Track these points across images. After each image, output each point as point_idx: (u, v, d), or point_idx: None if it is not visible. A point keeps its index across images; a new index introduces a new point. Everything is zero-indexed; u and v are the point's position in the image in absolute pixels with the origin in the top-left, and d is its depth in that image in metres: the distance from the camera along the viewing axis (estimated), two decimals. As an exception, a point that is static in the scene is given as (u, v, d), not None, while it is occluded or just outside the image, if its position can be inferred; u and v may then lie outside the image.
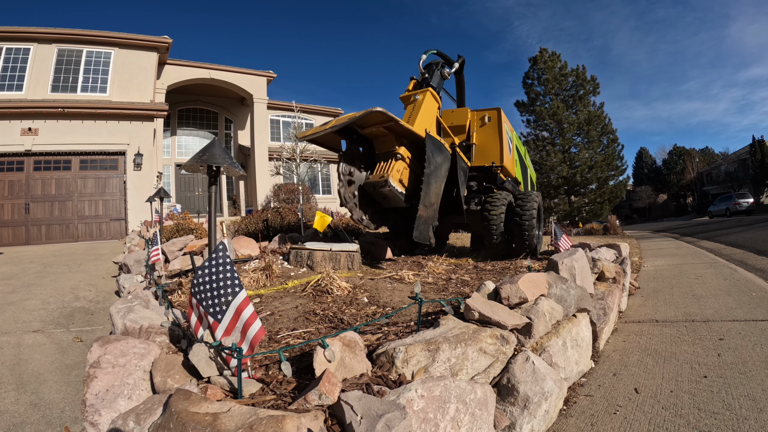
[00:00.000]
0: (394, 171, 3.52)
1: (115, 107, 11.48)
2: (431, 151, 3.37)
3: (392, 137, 3.70)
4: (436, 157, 3.45)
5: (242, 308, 1.30)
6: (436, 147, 3.49)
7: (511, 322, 1.56)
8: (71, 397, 2.11)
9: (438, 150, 3.53)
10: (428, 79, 4.37)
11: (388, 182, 3.41)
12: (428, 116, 3.92)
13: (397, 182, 3.50)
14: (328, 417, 1.00)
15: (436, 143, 3.52)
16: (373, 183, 3.57)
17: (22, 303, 3.87)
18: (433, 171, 3.36)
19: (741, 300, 2.92)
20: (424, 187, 3.25)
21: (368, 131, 3.77)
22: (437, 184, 3.46)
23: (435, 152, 3.44)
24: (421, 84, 4.46)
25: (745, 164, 34.54)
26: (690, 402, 1.55)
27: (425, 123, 3.80)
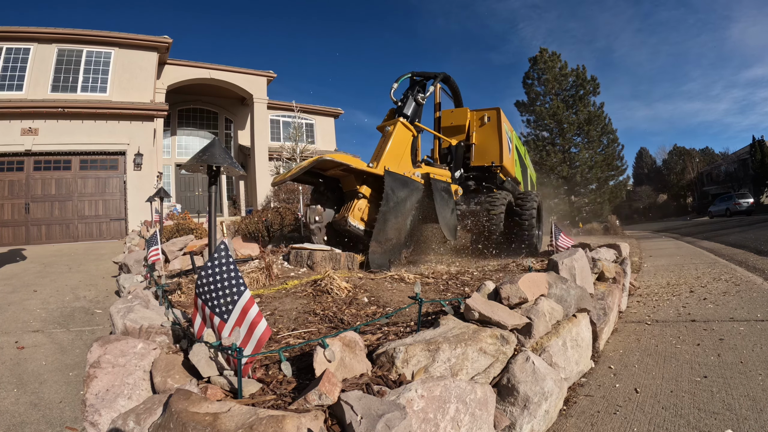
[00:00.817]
0: (355, 210, 3.67)
1: (115, 107, 11.49)
2: (390, 188, 3.44)
3: (353, 177, 3.85)
4: (397, 193, 3.52)
5: (248, 308, 1.30)
6: (398, 183, 3.56)
7: (511, 322, 1.56)
8: (71, 397, 2.11)
9: (401, 185, 3.59)
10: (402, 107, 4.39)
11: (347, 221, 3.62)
12: (398, 148, 3.96)
13: (358, 220, 3.66)
14: (328, 417, 1.00)
15: (398, 179, 3.58)
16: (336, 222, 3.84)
17: (22, 303, 3.87)
18: (392, 207, 3.43)
19: (741, 300, 2.92)
20: (378, 224, 3.32)
21: (330, 173, 3.98)
22: (397, 219, 3.51)
23: (396, 188, 3.52)
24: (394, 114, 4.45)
25: (745, 164, 34.54)
26: (690, 402, 1.55)
27: (394, 156, 3.85)
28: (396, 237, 3.52)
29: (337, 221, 3.81)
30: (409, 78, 4.78)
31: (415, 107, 4.42)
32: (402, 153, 4.00)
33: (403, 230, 3.63)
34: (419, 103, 4.45)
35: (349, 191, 3.95)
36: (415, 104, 4.43)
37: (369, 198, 3.73)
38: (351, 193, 3.89)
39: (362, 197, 3.70)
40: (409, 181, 3.72)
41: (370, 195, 3.72)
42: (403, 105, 4.40)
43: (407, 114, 4.32)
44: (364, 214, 3.71)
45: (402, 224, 3.59)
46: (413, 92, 4.51)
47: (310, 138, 18.32)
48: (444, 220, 3.99)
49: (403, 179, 3.65)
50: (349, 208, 3.68)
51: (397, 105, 4.47)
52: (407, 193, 3.64)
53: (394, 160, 3.81)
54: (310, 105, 18.81)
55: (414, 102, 4.43)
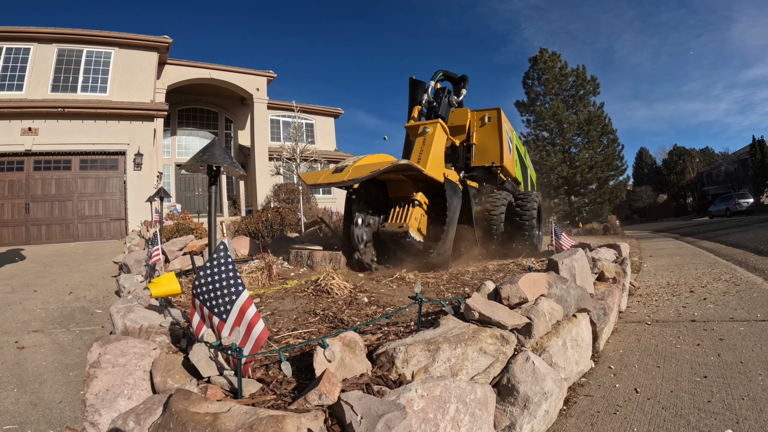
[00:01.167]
0: (412, 220, 3.37)
1: (115, 107, 11.49)
2: (450, 197, 3.24)
3: (409, 183, 3.54)
4: (453, 202, 3.32)
5: (246, 308, 1.30)
6: (453, 191, 3.37)
7: (511, 322, 1.56)
8: (71, 397, 2.11)
9: (455, 193, 3.41)
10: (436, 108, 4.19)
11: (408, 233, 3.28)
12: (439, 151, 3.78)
13: (416, 231, 3.37)
14: (328, 417, 1.00)
15: (453, 187, 3.41)
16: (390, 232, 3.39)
17: (22, 303, 3.87)
18: (452, 218, 3.24)
19: (741, 300, 2.92)
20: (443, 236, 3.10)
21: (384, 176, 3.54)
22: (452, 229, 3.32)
23: (453, 197, 3.33)
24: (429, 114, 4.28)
25: (745, 164, 34.54)
26: (690, 402, 1.55)
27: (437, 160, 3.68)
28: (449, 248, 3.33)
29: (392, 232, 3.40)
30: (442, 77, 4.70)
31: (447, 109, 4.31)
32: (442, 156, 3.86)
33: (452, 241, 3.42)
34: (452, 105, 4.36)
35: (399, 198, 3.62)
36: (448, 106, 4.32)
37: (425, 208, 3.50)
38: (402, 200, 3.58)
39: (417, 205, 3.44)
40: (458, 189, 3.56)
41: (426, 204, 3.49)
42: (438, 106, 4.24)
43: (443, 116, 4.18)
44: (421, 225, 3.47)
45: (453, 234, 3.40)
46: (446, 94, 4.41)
47: (310, 138, 18.32)
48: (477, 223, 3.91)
49: (455, 186, 3.48)
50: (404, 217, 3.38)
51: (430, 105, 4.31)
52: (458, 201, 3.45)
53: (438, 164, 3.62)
54: (310, 105, 18.81)
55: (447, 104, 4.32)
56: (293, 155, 14.11)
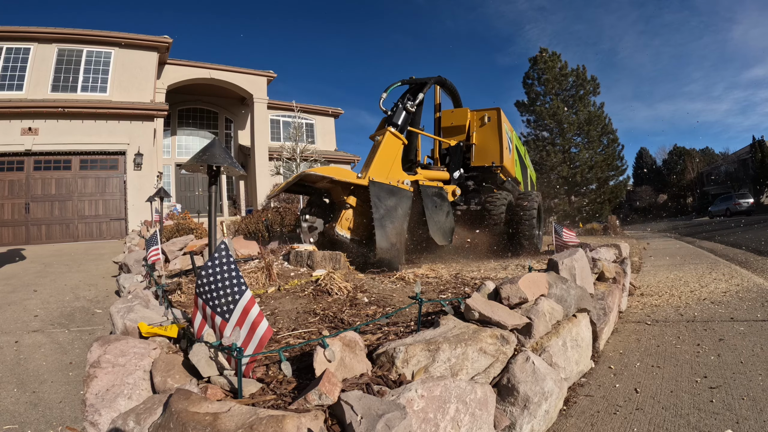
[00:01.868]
0: (343, 220, 3.78)
1: (115, 107, 11.49)
2: (377, 197, 3.57)
3: (339, 189, 3.95)
4: (385, 201, 3.65)
5: (249, 308, 1.30)
6: (384, 191, 3.69)
7: (511, 322, 1.56)
8: (71, 397, 2.11)
9: (388, 194, 3.73)
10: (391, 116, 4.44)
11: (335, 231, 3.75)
12: (387, 157, 4.05)
13: (345, 230, 3.79)
14: (328, 417, 1.00)
15: (384, 188, 3.72)
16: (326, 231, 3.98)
17: (23, 303, 3.87)
18: (383, 215, 3.56)
19: (741, 300, 2.92)
20: (377, 231, 3.43)
21: (319, 185, 4.11)
22: (395, 224, 3.64)
23: (383, 197, 3.65)
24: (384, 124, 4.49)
25: (746, 164, 34.53)
26: (690, 402, 1.55)
27: (383, 165, 3.96)
28: (398, 240, 3.62)
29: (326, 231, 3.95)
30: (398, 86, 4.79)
31: (405, 116, 4.46)
32: (391, 162, 4.09)
33: (402, 234, 3.73)
34: (409, 111, 4.48)
35: (339, 201, 4.06)
36: (405, 113, 4.46)
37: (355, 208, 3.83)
38: (340, 203, 3.99)
39: (349, 207, 3.82)
40: (396, 190, 3.83)
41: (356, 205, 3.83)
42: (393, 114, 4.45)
43: (397, 123, 4.37)
44: (351, 224, 3.82)
45: (400, 229, 3.70)
46: (403, 101, 4.55)
47: (310, 138, 18.33)
48: (437, 224, 4.07)
49: (389, 188, 3.77)
50: (337, 218, 3.81)
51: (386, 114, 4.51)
52: (396, 201, 3.75)
53: (383, 169, 3.92)
54: (310, 105, 18.81)
55: (404, 110, 4.47)
56: (293, 155, 14.13)
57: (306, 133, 18.01)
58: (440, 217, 4.18)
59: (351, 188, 3.83)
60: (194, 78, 14.63)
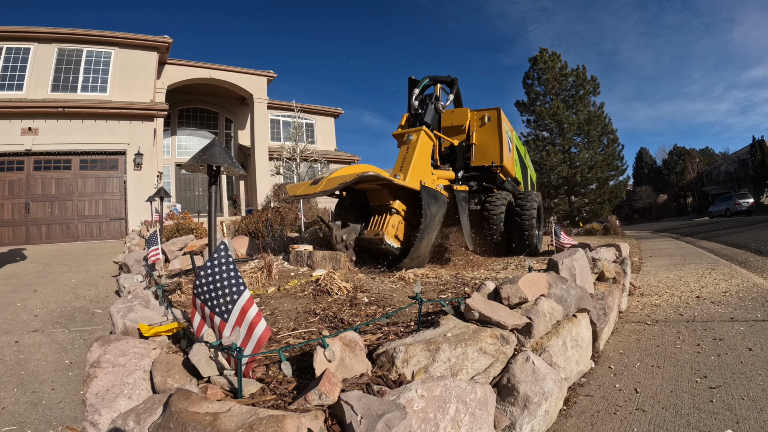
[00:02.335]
0: (389, 227, 3.48)
1: (116, 107, 11.48)
2: (427, 204, 3.29)
3: (385, 191, 3.63)
4: (431, 209, 3.37)
5: (247, 308, 1.30)
6: (432, 198, 3.41)
7: (511, 322, 1.56)
8: (71, 397, 2.11)
9: (434, 200, 3.45)
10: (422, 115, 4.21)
11: (383, 240, 3.41)
12: (423, 159, 3.80)
13: (392, 238, 3.48)
14: (328, 417, 1.00)
15: (431, 194, 3.44)
16: (368, 239, 3.56)
17: (23, 302, 3.87)
18: (428, 224, 3.30)
19: (741, 300, 2.92)
20: (416, 242, 3.20)
21: (361, 186, 3.73)
22: (430, 235, 3.40)
23: (431, 204, 3.38)
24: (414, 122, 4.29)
25: (746, 164, 34.53)
26: (690, 402, 1.55)
27: (420, 167, 3.71)
28: (425, 253, 3.41)
29: (369, 239, 3.55)
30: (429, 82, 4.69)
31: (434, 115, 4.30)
32: (426, 163, 3.86)
33: (431, 245, 3.49)
34: (439, 111, 4.34)
35: (378, 206, 3.72)
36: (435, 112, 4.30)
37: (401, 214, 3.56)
38: (380, 207, 3.68)
39: (395, 213, 3.52)
40: (439, 195, 3.56)
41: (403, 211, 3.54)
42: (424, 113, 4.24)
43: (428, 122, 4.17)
44: (398, 232, 3.53)
45: (431, 240, 3.45)
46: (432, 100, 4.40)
47: (310, 138, 18.33)
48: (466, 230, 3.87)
49: (435, 193, 3.50)
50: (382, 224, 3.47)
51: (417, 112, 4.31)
52: (437, 208, 3.48)
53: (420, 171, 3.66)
54: (310, 105, 18.81)
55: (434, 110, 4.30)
56: (293, 155, 14.12)
57: (306, 133, 18.02)
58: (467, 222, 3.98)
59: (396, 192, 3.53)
60: (194, 78, 14.63)
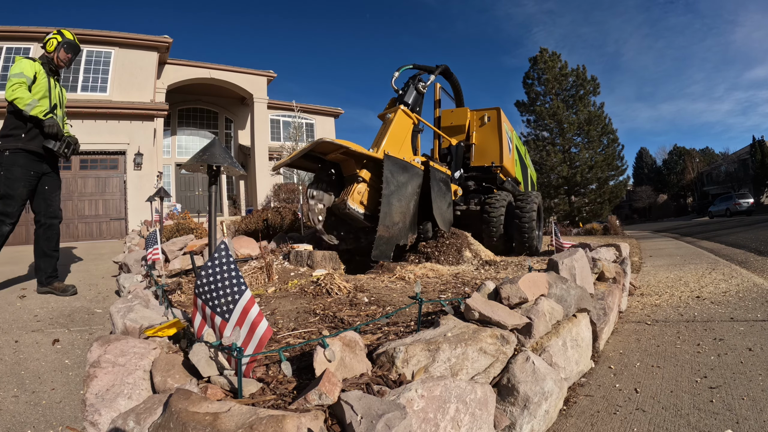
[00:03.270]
0: (355, 193, 3.65)
1: (116, 107, 11.49)
2: (390, 171, 3.45)
3: (352, 162, 3.82)
4: (397, 177, 3.54)
5: (249, 308, 1.30)
6: (397, 167, 3.58)
7: (511, 322, 1.56)
8: (71, 397, 2.11)
9: (400, 169, 3.62)
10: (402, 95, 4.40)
11: (346, 204, 3.59)
12: (398, 135, 3.97)
13: (357, 204, 3.64)
14: (328, 417, 1.00)
15: (397, 163, 3.60)
16: (336, 206, 3.79)
17: (22, 302, 3.87)
18: (394, 191, 3.45)
19: (741, 300, 2.92)
20: (383, 207, 3.34)
21: (331, 157, 3.94)
22: (401, 203, 3.55)
23: (396, 172, 3.54)
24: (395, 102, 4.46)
25: (746, 164, 34.54)
26: (690, 402, 1.55)
27: (394, 142, 3.87)
28: (401, 221, 3.55)
29: (337, 205, 3.78)
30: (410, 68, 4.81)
31: (416, 96, 4.44)
32: (402, 140, 4.02)
33: (408, 214, 3.65)
34: (420, 91, 4.46)
35: (349, 176, 3.94)
36: (416, 93, 4.44)
37: (369, 182, 3.72)
38: (351, 177, 3.88)
39: (362, 181, 3.70)
40: (409, 166, 3.73)
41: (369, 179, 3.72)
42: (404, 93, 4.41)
43: (408, 102, 4.33)
44: (363, 198, 3.71)
45: (406, 208, 3.62)
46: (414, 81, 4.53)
47: (310, 138, 18.33)
48: (440, 210, 4.00)
49: (402, 163, 3.67)
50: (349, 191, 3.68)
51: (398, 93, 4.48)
52: (407, 178, 3.65)
53: (395, 146, 3.84)
54: (310, 105, 18.83)
55: (415, 90, 4.44)
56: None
57: (306, 133, 18.02)
58: (443, 204, 4.13)
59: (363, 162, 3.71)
60: (194, 78, 14.63)
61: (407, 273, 3.24)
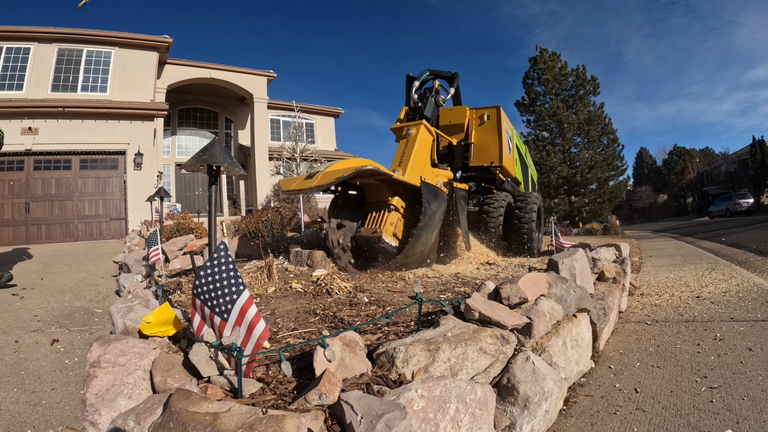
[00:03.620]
0: (387, 224, 3.32)
1: (116, 107, 11.48)
2: (428, 200, 3.13)
3: (384, 187, 3.48)
4: (431, 206, 3.21)
5: (246, 308, 1.30)
6: (432, 194, 3.24)
7: (511, 322, 1.56)
8: (71, 397, 2.11)
9: (434, 197, 3.28)
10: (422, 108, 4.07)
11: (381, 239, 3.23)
12: (422, 154, 3.67)
13: (390, 236, 3.32)
14: (328, 417, 1.00)
15: (432, 190, 3.26)
16: (365, 238, 3.39)
17: (22, 302, 3.87)
18: (427, 222, 3.14)
19: (741, 300, 2.92)
20: (412, 239, 3.04)
21: (358, 181, 3.57)
22: (429, 233, 3.21)
23: (431, 200, 3.21)
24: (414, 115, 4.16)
25: (746, 164, 34.53)
26: (690, 402, 1.55)
27: (419, 163, 3.58)
28: (422, 252, 3.25)
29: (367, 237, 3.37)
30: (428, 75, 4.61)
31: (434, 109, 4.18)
32: (426, 158, 3.73)
33: (429, 244, 3.31)
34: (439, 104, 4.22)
35: (376, 202, 3.55)
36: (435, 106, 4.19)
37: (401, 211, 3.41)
38: (378, 204, 3.49)
39: (393, 210, 3.36)
40: (439, 192, 3.39)
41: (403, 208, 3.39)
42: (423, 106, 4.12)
43: (428, 116, 4.05)
44: (397, 230, 3.38)
45: (429, 238, 3.29)
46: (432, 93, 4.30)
47: (310, 138, 18.33)
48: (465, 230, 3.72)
49: (435, 190, 3.33)
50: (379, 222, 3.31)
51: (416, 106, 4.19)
52: (438, 205, 3.31)
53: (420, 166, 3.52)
54: (311, 105, 18.81)
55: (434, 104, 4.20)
56: (293, 155, 14.13)
57: (306, 133, 18.02)
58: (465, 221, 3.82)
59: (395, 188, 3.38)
60: (194, 78, 14.63)
61: (407, 273, 3.24)
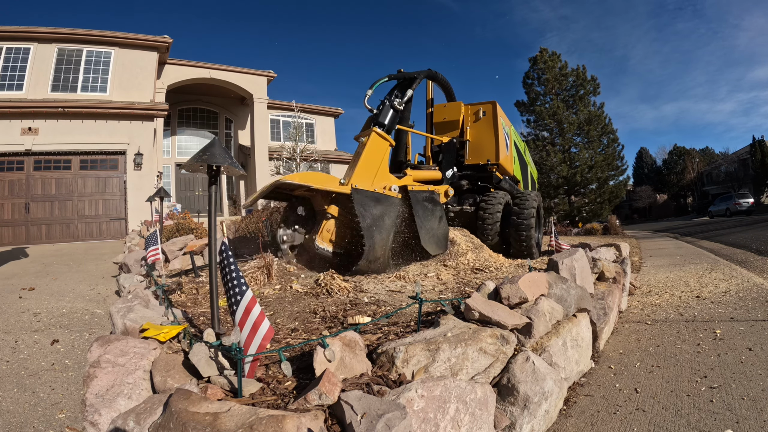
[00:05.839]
0: (324, 231, 3.48)
1: (115, 107, 11.48)
2: (362, 206, 3.24)
3: (320, 197, 3.59)
4: (371, 210, 3.30)
5: (251, 307, 1.30)
6: (369, 200, 3.35)
7: (511, 321, 1.56)
8: (71, 397, 2.11)
9: (373, 202, 3.37)
10: (377, 115, 4.06)
11: (315, 245, 3.45)
12: (372, 161, 3.70)
13: (326, 242, 3.48)
14: (328, 417, 1.00)
15: (368, 197, 3.36)
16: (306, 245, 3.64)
17: (22, 302, 3.87)
18: (370, 225, 3.22)
19: (741, 300, 2.92)
20: (366, 241, 3.14)
21: (297, 193, 3.75)
22: (382, 235, 3.31)
23: (368, 206, 3.30)
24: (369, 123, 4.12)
25: (746, 164, 34.53)
26: (690, 402, 1.55)
27: (368, 170, 3.61)
28: (382, 255, 3.34)
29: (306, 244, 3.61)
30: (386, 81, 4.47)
31: (392, 114, 4.10)
32: (377, 166, 3.74)
33: (387, 247, 3.43)
34: (396, 109, 4.11)
35: (320, 211, 3.71)
36: (392, 111, 4.10)
37: (337, 218, 3.52)
38: (321, 213, 3.66)
39: (330, 218, 3.50)
40: (382, 197, 3.48)
41: (338, 214, 3.51)
42: (379, 113, 4.07)
43: (383, 123, 4.00)
44: (333, 236, 3.52)
45: (386, 241, 3.39)
46: (390, 98, 4.19)
47: (310, 138, 18.33)
48: (429, 233, 3.72)
49: (374, 196, 3.41)
50: (318, 230, 3.51)
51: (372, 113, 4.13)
52: (383, 210, 3.41)
53: (367, 174, 3.58)
54: (310, 105, 18.80)
55: (391, 108, 4.10)
56: (293, 155, 14.12)
57: (306, 133, 18.01)
58: (433, 223, 3.83)
59: (332, 196, 3.50)
60: (194, 78, 14.62)
61: (407, 273, 3.24)
